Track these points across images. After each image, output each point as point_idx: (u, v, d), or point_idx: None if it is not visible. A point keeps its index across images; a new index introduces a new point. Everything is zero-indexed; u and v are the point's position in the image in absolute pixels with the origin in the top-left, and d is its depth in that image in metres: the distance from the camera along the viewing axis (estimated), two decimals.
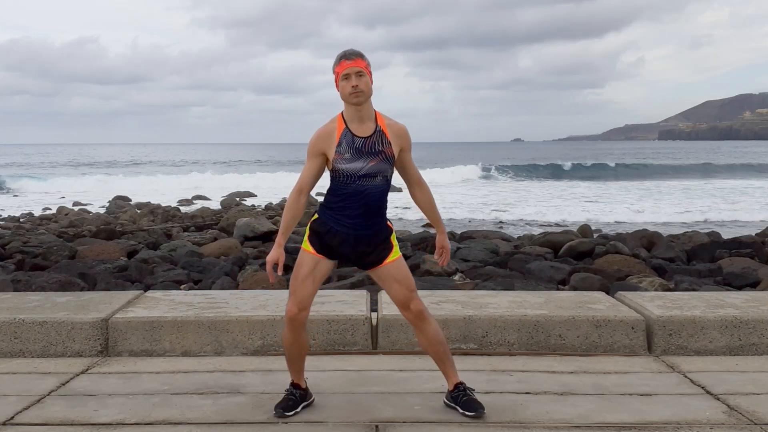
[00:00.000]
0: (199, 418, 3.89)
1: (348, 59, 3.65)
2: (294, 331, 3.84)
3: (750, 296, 5.81)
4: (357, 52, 3.68)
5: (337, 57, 3.69)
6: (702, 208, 24.86)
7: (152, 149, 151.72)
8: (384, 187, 3.77)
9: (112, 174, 49.11)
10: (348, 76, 3.64)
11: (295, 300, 3.79)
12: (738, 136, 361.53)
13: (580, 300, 5.59)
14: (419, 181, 3.91)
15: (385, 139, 3.73)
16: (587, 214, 23.20)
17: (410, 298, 3.80)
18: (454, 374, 3.95)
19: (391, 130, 3.75)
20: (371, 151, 3.70)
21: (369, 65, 3.70)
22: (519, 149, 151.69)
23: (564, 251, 12.07)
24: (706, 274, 9.71)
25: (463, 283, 8.82)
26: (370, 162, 3.70)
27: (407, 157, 3.84)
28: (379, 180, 3.73)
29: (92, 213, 23.57)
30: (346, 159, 3.69)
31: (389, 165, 3.74)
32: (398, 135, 3.76)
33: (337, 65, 3.67)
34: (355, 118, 3.72)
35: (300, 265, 3.82)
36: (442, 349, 3.90)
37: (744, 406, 4.03)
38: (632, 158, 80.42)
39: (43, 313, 5.18)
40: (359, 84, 3.62)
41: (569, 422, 3.81)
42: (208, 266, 10.20)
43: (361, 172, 3.70)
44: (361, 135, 3.71)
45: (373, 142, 3.71)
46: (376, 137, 3.72)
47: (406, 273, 3.84)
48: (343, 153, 3.70)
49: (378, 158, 3.71)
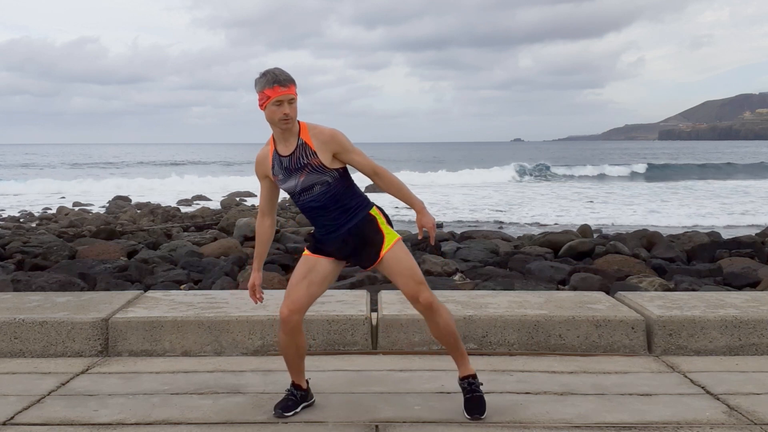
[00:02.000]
0: (199, 418, 3.89)
1: (282, 86, 3.58)
2: (288, 334, 3.82)
3: (750, 296, 5.81)
4: (289, 77, 3.62)
5: (268, 79, 3.60)
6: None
7: (152, 149, 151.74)
8: (328, 192, 3.72)
9: (112, 174, 49.11)
10: (280, 102, 3.60)
11: (287, 302, 3.79)
12: (738, 136, 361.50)
13: (580, 300, 5.59)
14: (374, 172, 3.78)
15: (309, 151, 3.68)
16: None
17: (418, 291, 3.72)
18: (464, 364, 3.91)
19: (316, 140, 3.69)
20: (297, 166, 3.70)
21: (296, 88, 3.67)
22: (519, 149, 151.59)
23: (564, 251, 12.07)
24: (706, 274, 9.71)
25: (463, 283, 8.82)
26: (300, 177, 3.70)
27: (349, 157, 3.74)
28: (318, 189, 3.71)
29: (92, 213, 23.58)
30: (280, 180, 3.76)
31: (321, 173, 3.69)
32: (324, 142, 3.69)
33: (270, 89, 3.59)
34: (281, 139, 3.72)
35: (295, 269, 3.88)
36: (452, 340, 3.86)
37: (744, 406, 4.03)
38: (689, 157, 78.55)
39: (43, 313, 5.18)
40: (290, 112, 3.61)
41: (569, 422, 3.81)
42: (208, 266, 10.20)
43: (297, 188, 3.72)
44: (285, 154, 3.72)
45: (297, 158, 3.69)
46: (299, 152, 3.69)
47: (409, 264, 3.75)
48: (277, 175, 3.76)
49: (305, 171, 3.69)
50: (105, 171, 60.08)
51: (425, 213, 3.77)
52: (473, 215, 23.64)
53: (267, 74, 3.62)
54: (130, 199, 29.16)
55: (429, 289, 3.76)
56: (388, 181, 3.80)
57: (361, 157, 3.75)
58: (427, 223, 3.76)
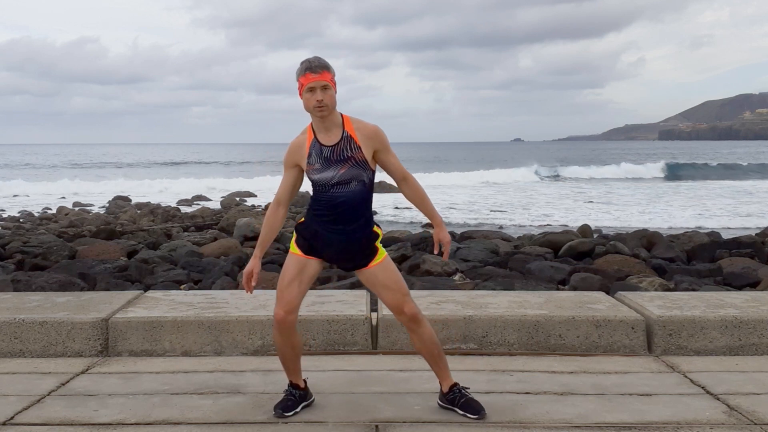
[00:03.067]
0: (199, 418, 3.89)
1: (314, 72, 3.59)
2: (283, 334, 3.83)
3: (750, 296, 5.81)
4: (323, 63, 3.62)
5: (302, 66, 3.62)
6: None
7: (152, 149, 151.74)
8: (361, 191, 3.72)
9: (112, 174, 49.08)
10: (313, 89, 3.59)
11: (282, 304, 3.79)
12: (738, 136, 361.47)
13: (580, 300, 5.59)
14: (404, 177, 3.84)
15: (353, 144, 3.68)
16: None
17: (403, 302, 3.76)
18: (448, 376, 3.94)
19: (360, 134, 3.70)
20: (339, 158, 3.68)
21: (334, 76, 3.66)
22: (523, 149, 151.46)
23: (564, 251, 12.07)
24: (706, 274, 9.71)
25: (463, 283, 8.82)
26: (340, 169, 3.68)
27: (385, 157, 3.77)
28: (354, 185, 3.70)
29: (92, 213, 23.59)
30: (317, 169, 3.70)
31: (362, 169, 3.70)
32: (368, 137, 3.71)
33: (302, 76, 3.61)
34: (322, 128, 3.70)
35: (286, 269, 3.83)
36: (436, 351, 3.89)
37: (744, 406, 4.03)
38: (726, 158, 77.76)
39: (43, 313, 5.18)
40: (324, 98, 3.59)
41: (569, 422, 3.81)
42: (208, 266, 10.20)
43: (333, 180, 3.69)
44: (327, 144, 3.69)
45: (341, 149, 3.68)
46: (343, 144, 3.68)
47: (396, 277, 3.80)
48: (313, 164, 3.70)
49: (348, 164, 3.68)
50: (105, 171, 60.08)
51: (444, 229, 3.89)
52: (520, 218, 23.29)
53: (302, 63, 3.65)
54: (130, 199, 29.18)
55: (413, 302, 3.80)
56: (414, 190, 3.86)
57: (395, 159, 3.80)
58: (444, 238, 3.87)
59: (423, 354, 3.92)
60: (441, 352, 3.93)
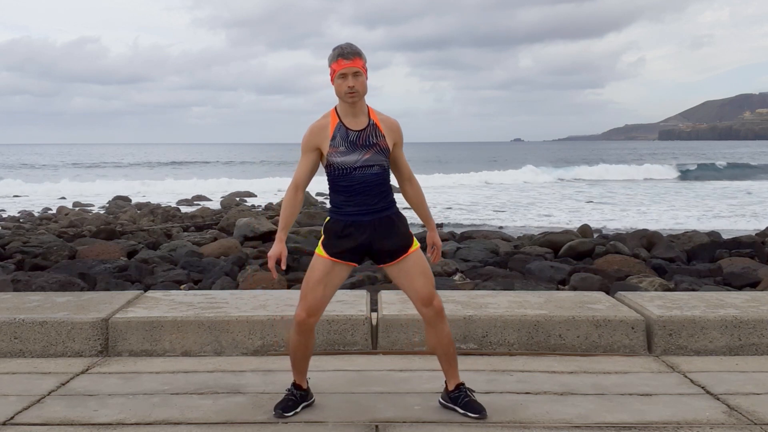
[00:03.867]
0: (199, 418, 3.89)
1: (346, 59, 3.64)
2: (301, 335, 3.84)
3: (750, 296, 5.81)
4: (355, 50, 3.67)
5: (335, 52, 3.67)
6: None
7: (152, 149, 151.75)
8: (382, 175, 3.78)
9: (112, 174, 49.10)
10: (345, 75, 3.65)
11: (305, 305, 3.79)
12: (738, 136, 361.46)
13: (580, 300, 5.59)
14: (410, 177, 3.93)
15: (378, 132, 3.76)
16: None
17: (434, 294, 3.81)
18: (456, 374, 3.94)
19: (384, 125, 3.79)
20: (366, 143, 3.73)
21: (366, 63, 3.72)
22: (520, 149, 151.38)
23: (564, 251, 12.07)
24: (706, 274, 9.71)
25: (463, 283, 8.82)
26: (365, 154, 3.73)
27: (399, 152, 3.87)
28: (377, 169, 3.75)
29: (92, 213, 23.59)
30: (340, 152, 3.72)
31: (384, 156, 3.77)
32: (391, 129, 3.80)
33: (335, 62, 3.66)
34: (349, 113, 3.75)
35: (312, 270, 3.81)
36: (451, 349, 3.90)
37: (744, 406, 4.03)
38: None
39: (43, 313, 5.18)
40: (356, 85, 3.65)
41: (569, 422, 3.81)
42: (208, 266, 10.20)
43: (357, 164, 3.73)
44: (354, 128, 3.74)
45: (368, 135, 3.74)
46: (369, 130, 3.75)
47: (429, 267, 3.86)
48: (337, 146, 3.72)
49: (372, 150, 3.74)
50: (105, 171, 60.09)
51: (436, 233, 4.05)
52: (545, 220, 22.86)
53: (335, 49, 3.69)
54: (130, 199, 29.17)
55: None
56: (416, 191, 3.97)
57: (405, 158, 3.92)
58: (438, 242, 4.02)
59: (437, 351, 3.91)
60: (455, 350, 3.94)
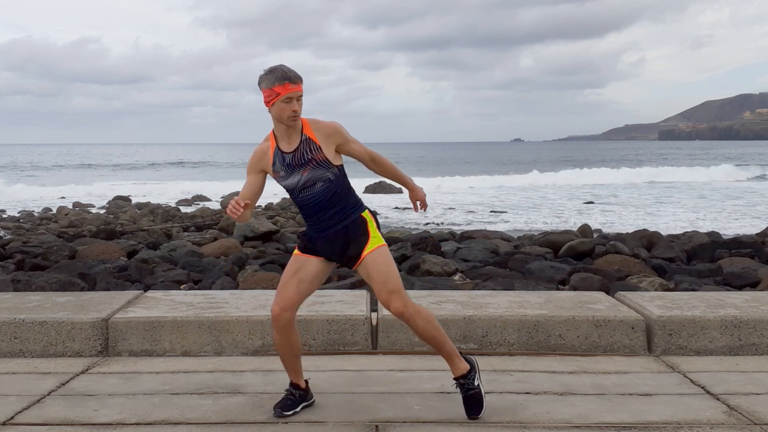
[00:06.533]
0: (199, 418, 3.89)
1: (293, 83, 3.60)
2: (280, 332, 3.83)
3: (750, 296, 5.80)
4: (298, 74, 3.65)
5: (278, 76, 3.60)
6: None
7: (153, 149, 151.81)
8: (329, 189, 3.74)
9: (112, 174, 49.09)
10: (290, 99, 3.62)
11: (278, 299, 3.81)
12: (738, 136, 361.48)
13: (580, 300, 5.59)
14: (371, 158, 3.91)
15: (314, 146, 3.71)
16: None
17: (389, 300, 3.71)
18: (453, 365, 3.88)
19: (319, 134, 3.72)
20: (300, 162, 3.71)
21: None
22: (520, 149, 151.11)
23: (564, 251, 12.07)
24: (706, 274, 9.71)
25: (463, 283, 8.82)
26: (302, 173, 3.71)
27: (348, 147, 3.80)
28: (320, 186, 3.72)
29: (92, 213, 23.59)
30: (282, 177, 3.76)
31: (325, 169, 3.72)
32: (328, 135, 3.74)
33: (280, 85, 3.59)
34: (284, 136, 3.73)
35: (286, 267, 3.90)
36: (434, 344, 3.85)
37: (744, 406, 4.03)
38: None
39: (43, 313, 5.18)
40: (299, 109, 3.64)
41: (569, 422, 3.81)
42: (208, 266, 10.20)
43: (299, 185, 3.73)
44: (288, 150, 3.73)
45: (301, 153, 3.70)
46: (303, 147, 3.71)
47: (385, 270, 3.72)
48: (278, 171, 3.75)
49: (309, 167, 3.70)
50: (106, 171, 60.10)
51: (416, 188, 4.07)
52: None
53: (275, 71, 3.62)
54: (130, 199, 29.19)
55: (403, 298, 3.72)
56: (384, 166, 3.97)
57: (358, 145, 3.85)
58: (420, 194, 4.07)
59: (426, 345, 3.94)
60: (441, 344, 3.84)
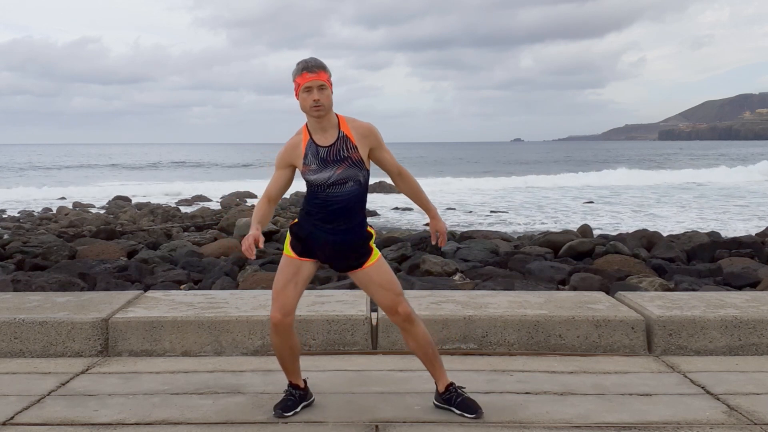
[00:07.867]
0: (199, 418, 3.89)
1: (310, 72, 3.59)
2: (280, 336, 3.82)
3: (750, 296, 5.80)
4: (319, 63, 3.62)
5: (299, 66, 3.62)
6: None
7: (153, 149, 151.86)
8: (357, 191, 3.73)
9: (113, 174, 49.10)
10: (309, 89, 3.59)
11: (278, 306, 3.78)
12: (738, 136, 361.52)
13: (580, 300, 5.59)
14: (399, 171, 3.87)
15: (350, 144, 3.69)
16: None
17: (397, 302, 3.78)
18: (443, 375, 3.94)
19: (356, 133, 3.71)
20: (336, 158, 3.68)
21: (330, 77, 3.67)
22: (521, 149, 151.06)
23: (564, 251, 12.07)
24: (706, 274, 9.71)
25: (463, 283, 8.82)
26: (336, 170, 3.68)
27: (380, 154, 3.78)
28: (350, 186, 3.71)
29: (92, 213, 23.59)
30: (312, 170, 3.70)
31: (359, 169, 3.71)
32: (364, 136, 3.72)
33: (299, 76, 3.60)
34: (318, 129, 3.70)
35: (280, 271, 3.83)
36: (431, 351, 3.89)
37: (744, 406, 4.03)
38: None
39: (43, 313, 5.18)
40: (321, 98, 3.59)
41: (569, 422, 3.81)
42: (208, 266, 10.20)
43: (329, 180, 3.69)
44: (324, 144, 3.69)
45: (338, 150, 3.68)
46: (339, 144, 3.69)
47: (390, 277, 3.81)
48: (309, 164, 3.70)
49: (344, 165, 3.69)
50: (106, 171, 60.11)
51: (439, 218, 4.00)
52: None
53: (299, 63, 3.64)
54: (130, 199, 29.20)
55: (407, 302, 3.82)
56: (410, 184, 3.91)
57: (390, 155, 3.82)
58: (440, 228, 3.98)
59: (417, 354, 3.93)
60: (435, 351, 3.93)
